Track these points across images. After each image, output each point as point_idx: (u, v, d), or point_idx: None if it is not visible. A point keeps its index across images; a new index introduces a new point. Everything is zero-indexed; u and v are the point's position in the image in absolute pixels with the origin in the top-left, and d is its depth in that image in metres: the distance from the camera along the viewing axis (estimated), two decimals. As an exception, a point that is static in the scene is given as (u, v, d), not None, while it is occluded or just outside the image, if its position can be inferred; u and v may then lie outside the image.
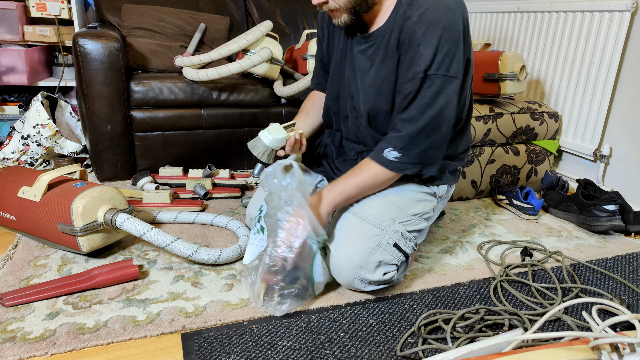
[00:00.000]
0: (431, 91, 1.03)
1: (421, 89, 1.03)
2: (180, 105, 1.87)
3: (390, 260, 1.10)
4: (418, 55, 1.01)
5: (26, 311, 1.03)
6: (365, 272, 1.08)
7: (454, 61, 1.02)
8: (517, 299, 1.16)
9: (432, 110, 1.04)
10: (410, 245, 1.14)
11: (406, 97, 1.05)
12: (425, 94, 1.03)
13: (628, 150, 1.80)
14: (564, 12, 1.96)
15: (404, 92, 1.05)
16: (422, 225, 1.19)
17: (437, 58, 1.01)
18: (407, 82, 1.04)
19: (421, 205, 1.18)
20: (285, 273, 1.05)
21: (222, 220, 1.47)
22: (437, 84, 1.02)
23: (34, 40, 2.27)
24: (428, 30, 1.00)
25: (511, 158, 1.86)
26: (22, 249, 1.30)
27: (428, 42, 1.00)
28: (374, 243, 1.09)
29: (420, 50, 1.01)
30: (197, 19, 2.24)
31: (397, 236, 1.11)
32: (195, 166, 1.95)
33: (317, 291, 1.11)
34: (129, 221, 1.21)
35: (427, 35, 1.00)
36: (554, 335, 0.80)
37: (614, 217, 1.53)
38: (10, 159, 1.90)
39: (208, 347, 0.94)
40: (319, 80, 1.39)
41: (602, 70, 1.83)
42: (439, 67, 1.01)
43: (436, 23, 1.00)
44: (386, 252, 1.09)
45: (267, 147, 1.15)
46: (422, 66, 1.01)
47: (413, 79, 1.03)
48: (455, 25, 1.01)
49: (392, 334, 1.01)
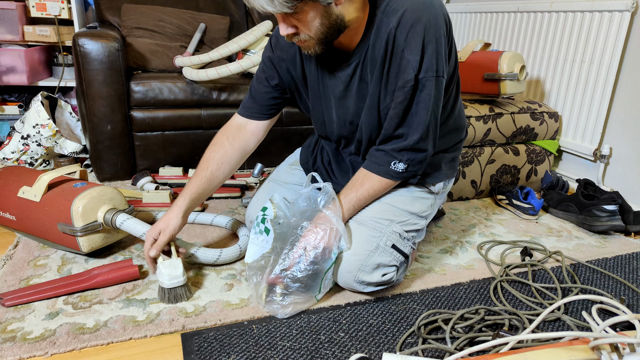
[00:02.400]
0: (424, 95, 1.02)
1: (415, 95, 1.02)
2: (180, 105, 1.87)
3: (388, 262, 1.09)
4: (404, 61, 1.00)
5: (26, 311, 1.03)
6: (363, 275, 1.08)
7: (440, 59, 1.01)
8: (517, 299, 1.16)
9: (428, 114, 1.03)
10: (408, 245, 1.13)
11: (400, 105, 1.03)
12: (419, 98, 1.02)
13: (628, 150, 1.80)
14: (564, 12, 1.96)
15: (396, 100, 1.04)
16: (421, 224, 1.18)
17: (425, 61, 0.99)
18: (398, 89, 1.03)
19: (418, 204, 1.17)
20: (299, 280, 1.05)
21: (222, 220, 1.47)
22: (428, 86, 1.01)
23: (34, 40, 2.27)
24: (410, 33, 0.98)
25: (511, 158, 1.86)
26: (22, 249, 1.30)
27: (412, 46, 0.98)
28: (371, 245, 1.08)
29: (406, 55, 0.99)
30: (197, 19, 2.24)
31: (394, 237, 1.11)
32: (195, 166, 1.95)
33: (319, 296, 1.11)
34: (129, 221, 1.21)
35: (410, 38, 0.98)
36: (553, 335, 0.80)
37: (614, 217, 1.53)
38: (10, 159, 1.90)
39: (208, 347, 0.94)
40: (260, 101, 1.23)
41: (602, 70, 1.83)
42: (428, 69, 1.00)
43: (417, 24, 0.97)
44: (384, 253, 1.09)
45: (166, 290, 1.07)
46: (411, 73, 1.00)
47: (404, 87, 1.01)
48: (436, 21, 0.99)
49: (392, 334, 1.01)
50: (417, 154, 1.07)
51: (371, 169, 1.10)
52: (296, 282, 1.04)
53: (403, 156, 1.07)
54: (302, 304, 1.07)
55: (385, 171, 1.09)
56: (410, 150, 1.07)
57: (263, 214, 1.15)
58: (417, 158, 1.08)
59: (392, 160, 1.08)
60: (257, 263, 1.11)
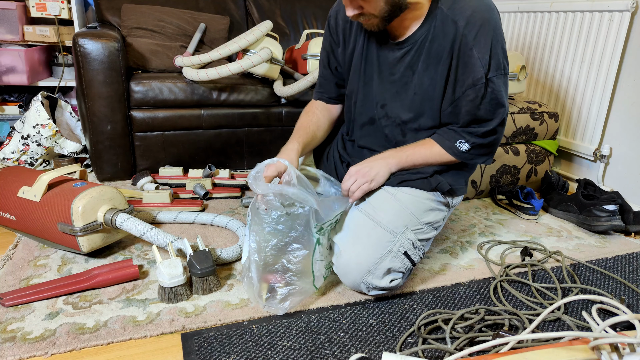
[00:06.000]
0: (496, 92, 1.07)
1: (486, 92, 1.06)
2: (180, 105, 1.87)
3: (398, 268, 1.09)
4: (473, 60, 1.04)
5: (26, 311, 1.03)
6: (373, 278, 1.07)
7: (505, 58, 1.07)
8: (517, 299, 1.16)
9: (500, 108, 1.09)
10: (418, 254, 1.13)
11: (471, 102, 1.08)
12: (492, 95, 1.07)
13: (628, 150, 1.80)
14: (564, 12, 1.97)
15: (466, 98, 1.08)
16: (432, 234, 1.18)
17: (493, 60, 1.04)
18: (468, 88, 1.07)
19: (433, 214, 1.17)
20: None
21: (222, 220, 1.47)
22: (497, 83, 1.06)
23: (34, 40, 2.27)
24: (480, 33, 1.02)
25: (511, 158, 1.86)
26: (22, 249, 1.30)
27: (482, 45, 1.03)
28: (385, 249, 1.08)
29: (475, 54, 1.03)
30: (197, 19, 2.24)
31: (408, 244, 1.10)
32: (195, 166, 1.95)
33: (317, 284, 1.10)
34: (129, 221, 1.21)
35: (480, 38, 1.02)
36: (553, 335, 0.80)
37: (613, 217, 1.53)
38: (10, 159, 1.90)
39: (208, 347, 0.94)
40: (327, 90, 1.31)
41: (602, 70, 1.83)
42: (497, 68, 1.05)
43: (485, 24, 1.02)
44: (396, 259, 1.09)
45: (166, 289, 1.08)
46: (481, 71, 1.04)
47: (475, 85, 1.06)
48: (499, 24, 1.05)
49: (392, 334, 1.01)
50: (483, 140, 1.13)
51: (437, 140, 1.15)
52: (287, 272, 1.05)
53: (470, 138, 1.12)
54: (300, 295, 1.06)
55: (449, 146, 1.14)
56: (479, 136, 1.12)
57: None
58: (482, 144, 1.13)
59: (460, 138, 1.13)
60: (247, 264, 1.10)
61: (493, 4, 1.07)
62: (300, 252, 1.05)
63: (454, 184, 1.19)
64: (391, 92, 1.16)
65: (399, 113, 1.16)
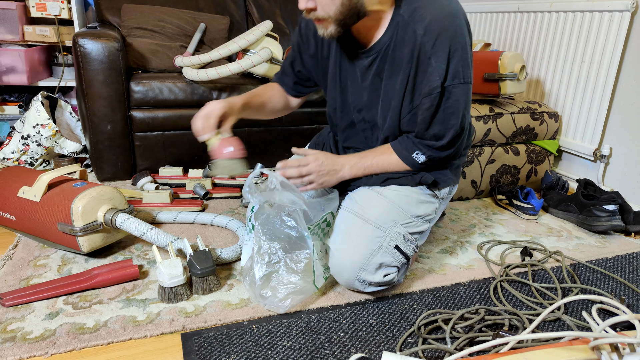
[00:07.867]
0: (451, 101, 1.05)
1: (441, 102, 1.05)
2: (180, 105, 1.87)
3: (391, 262, 1.10)
4: (431, 68, 1.02)
5: (26, 311, 1.03)
6: (365, 274, 1.08)
7: (466, 67, 1.04)
8: (517, 299, 1.16)
9: (455, 119, 1.07)
10: (411, 247, 1.14)
11: (427, 111, 1.06)
12: (446, 104, 1.06)
13: (628, 150, 1.80)
14: (564, 12, 1.96)
15: (423, 107, 1.07)
16: (424, 227, 1.18)
17: (451, 68, 1.02)
18: (424, 96, 1.06)
19: (423, 207, 1.18)
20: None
21: (222, 220, 1.47)
22: (455, 93, 1.04)
23: (34, 40, 2.27)
24: (437, 41, 1.00)
25: (511, 158, 1.86)
26: (22, 249, 1.30)
27: (439, 53, 1.01)
28: (375, 245, 1.09)
29: (433, 63, 1.01)
30: (197, 19, 2.24)
31: (398, 238, 1.11)
32: (195, 166, 1.95)
33: (318, 284, 1.11)
34: (129, 221, 1.21)
35: (437, 46, 1.00)
36: (553, 335, 0.80)
37: (614, 217, 1.53)
38: (10, 159, 1.90)
39: (208, 347, 0.94)
40: (285, 82, 1.34)
41: (602, 70, 1.83)
42: (454, 76, 1.03)
43: (443, 32, 1.00)
44: (387, 254, 1.09)
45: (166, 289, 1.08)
46: (437, 80, 1.02)
47: (430, 94, 1.04)
48: (461, 30, 1.02)
49: (392, 334, 1.01)
50: (441, 153, 1.13)
51: (395, 149, 1.15)
52: (289, 271, 1.05)
53: (427, 151, 1.12)
54: (301, 294, 1.07)
55: (406, 156, 1.14)
56: (435, 149, 1.12)
57: (251, 212, 1.15)
58: (440, 156, 1.13)
59: (416, 150, 1.13)
60: (248, 264, 1.11)
61: (457, 9, 1.03)
62: (302, 250, 1.06)
63: (438, 176, 1.19)
64: (365, 98, 1.16)
65: (374, 117, 1.17)
